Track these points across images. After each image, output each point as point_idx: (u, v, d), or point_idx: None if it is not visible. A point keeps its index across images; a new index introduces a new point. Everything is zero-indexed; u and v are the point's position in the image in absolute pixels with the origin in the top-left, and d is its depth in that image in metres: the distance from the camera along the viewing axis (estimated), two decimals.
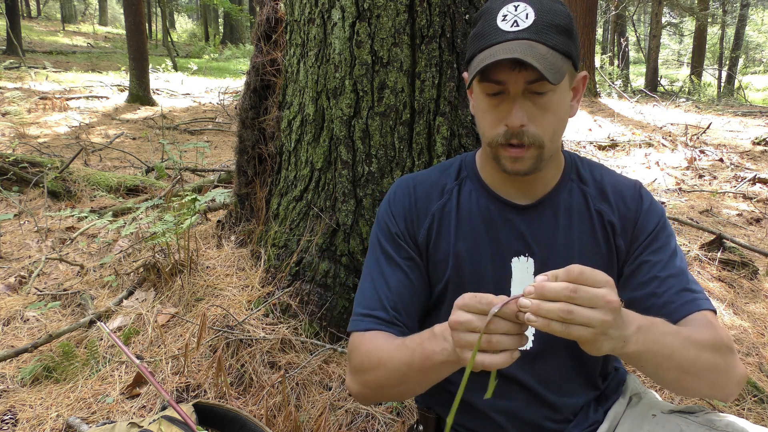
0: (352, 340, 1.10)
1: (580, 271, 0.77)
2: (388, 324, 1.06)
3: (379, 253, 1.13)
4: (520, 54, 0.89)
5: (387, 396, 1.08)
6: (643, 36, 26.91)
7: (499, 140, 0.99)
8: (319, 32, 1.88)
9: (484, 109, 1.01)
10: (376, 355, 1.02)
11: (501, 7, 0.96)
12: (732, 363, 0.96)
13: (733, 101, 12.46)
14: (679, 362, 0.89)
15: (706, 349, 0.92)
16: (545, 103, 0.97)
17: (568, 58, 0.96)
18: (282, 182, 2.16)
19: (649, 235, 1.08)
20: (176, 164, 4.40)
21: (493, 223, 1.10)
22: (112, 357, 1.95)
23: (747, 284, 2.68)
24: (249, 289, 2.12)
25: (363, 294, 1.12)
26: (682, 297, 1.02)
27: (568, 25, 0.97)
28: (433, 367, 0.92)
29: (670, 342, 0.89)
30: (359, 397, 1.09)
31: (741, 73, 19.63)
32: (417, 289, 1.11)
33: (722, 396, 0.98)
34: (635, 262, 1.08)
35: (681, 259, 1.07)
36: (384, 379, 1.01)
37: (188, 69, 13.97)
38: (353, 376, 1.08)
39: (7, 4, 12.77)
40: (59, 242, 3.02)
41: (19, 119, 6.70)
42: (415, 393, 1.04)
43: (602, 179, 1.13)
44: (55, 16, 29.09)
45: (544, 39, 0.93)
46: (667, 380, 0.92)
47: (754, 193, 4.34)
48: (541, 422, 1.10)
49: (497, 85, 0.96)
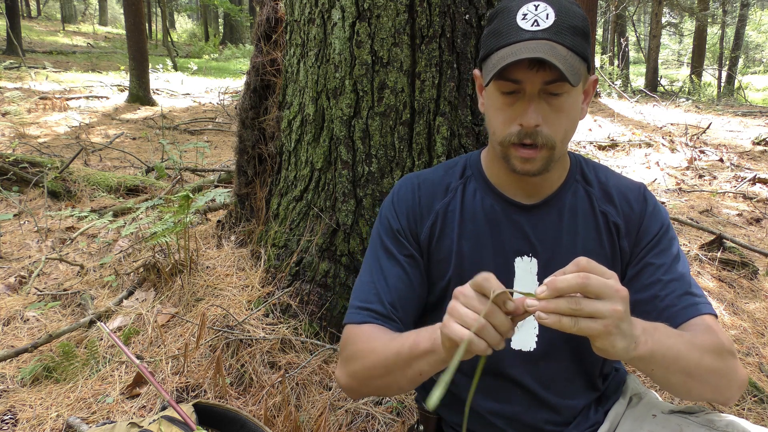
0: (346, 331, 1.09)
1: (587, 261, 0.78)
2: (385, 318, 1.06)
3: (379, 248, 1.13)
4: (542, 54, 0.89)
5: (373, 388, 1.05)
6: (643, 36, 26.90)
7: (511, 139, 0.99)
8: (319, 32, 1.88)
9: (498, 107, 1.00)
10: (369, 345, 1.01)
11: (521, 5, 0.95)
12: (733, 367, 0.96)
13: (733, 101, 12.46)
14: (684, 365, 0.89)
15: (708, 352, 0.92)
16: (560, 105, 0.96)
17: (584, 61, 0.96)
18: (282, 182, 2.16)
19: (653, 237, 1.08)
20: (176, 164, 4.40)
21: (497, 222, 1.09)
22: (112, 357, 1.95)
23: (747, 284, 2.68)
24: (249, 289, 2.12)
25: (361, 287, 1.11)
26: (684, 301, 1.02)
27: (585, 27, 0.97)
28: (419, 355, 0.90)
29: (675, 344, 0.88)
30: (346, 388, 1.08)
31: (741, 73, 19.65)
32: (415, 287, 1.10)
33: (723, 400, 0.98)
34: (639, 264, 1.08)
35: (683, 264, 1.07)
36: (372, 369, 0.99)
37: (188, 69, 13.98)
38: (343, 367, 1.07)
39: (7, 4, 12.77)
40: (59, 242, 3.02)
41: (19, 119, 6.70)
42: (400, 387, 1.01)
43: (607, 181, 1.13)
44: (55, 16, 29.08)
45: (563, 40, 0.93)
46: (673, 384, 0.92)
47: (754, 193, 4.34)
48: (541, 426, 1.10)
49: (514, 84, 0.95)
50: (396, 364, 0.95)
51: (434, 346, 0.87)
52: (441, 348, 0.85)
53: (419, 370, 0.93)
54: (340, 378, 1.08)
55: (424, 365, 0.91)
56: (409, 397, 1.75)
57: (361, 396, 1.09)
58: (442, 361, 0.88)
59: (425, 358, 0.90)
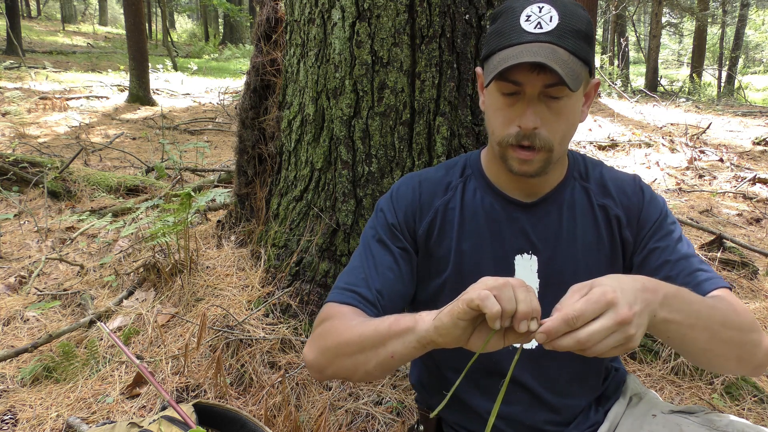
0: (325, 308, 1.05)
1: (560, 305, 0.76)
2: (369, 304, 1.03)
3: (371, 238, 1.12)
4: (543, 58, 0.89)
5: (340, 368, 0.99)
6: (643, 36, 26.90)
7: (510, 140, 0.99)
8: (319, 32, 1.88)
9: (497, 107, 1.00)
10: (345, 322, 0.98)
11: (524, 6, 0.95)
12: (757, 337, 0.95)
13: (733, 101, 12.46)
14: (706, 328, 0.88)
15: (729, 318, 0.92)
16: (559, 108, 0.97)
17: (586, 65, 0.96)
18: (282, 182, 2.16)
19: (654, 223, 1.09)
20: (176, 164, 4.40)
21: (496, 220, 1.10)
22: (112, 357, 1.95)
23: (747, 284, 2.67)
24: (249, 289, 2.12)
25: (348, 272, 1.10)
26: (697, 277, 1.02)
27: (588, 30, 0.96)
28: (397, 332, 0.88)
29: (697, 308, 0.87)
30: (313, 365, 1.02)
31: (741, 73, 19.64)
32: (404, 279, 1.09)
33: (751, 369, 0.96)
34: (644, 251, 1.08)
35: (688, 244, 1.08)
36: (345, 345, 0.96)
37: (188, 69, 13.98)
38: (313, 342, 1.03)
39: (7, 4, 12.77)
40: (59, 242, 3.03)
41: (19, 119, 6.70)
42: (367, 371, 0.96)
43: (602, 175, 1.14)
44: (55, 16, 29.09)
45: (565, 44, 0.93)
46: (696, 351, 0.90)
47: (754, 193, 4.34)
48: (540, 426, 1.10)
49: (514, 85, 0.95)
50: (370, 341, 0.92)
51: (415, 326, 0.85)
52: (422, 328, 0.83)
53: (392, 350, 0.90)
54: (308, 354, 1.03)
55: (398, 345, 0.88)
56: (409, 397, 1.75)
57: (325, 377, 1.04)
58: (417, 342, 0.85)
59: (402, 337, 0.87)
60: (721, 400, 1.83)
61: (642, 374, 1.93)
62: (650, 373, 1.94)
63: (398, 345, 0.88)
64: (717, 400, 1.83)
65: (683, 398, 1.83)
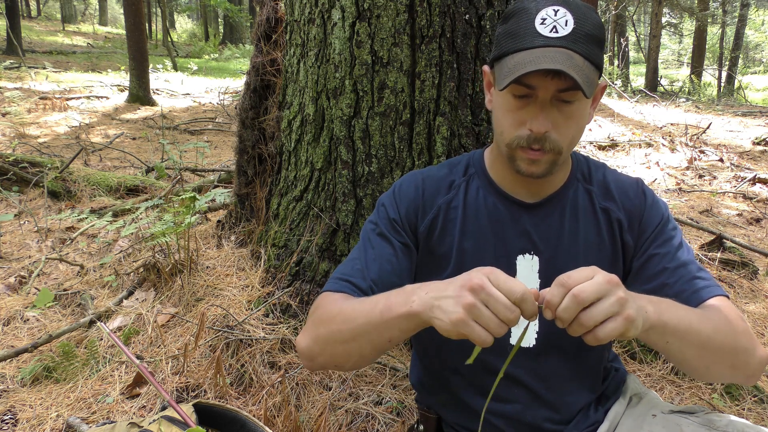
0: (319, 298, 1.06)
1: (567, 276, 0.78)
2: (362, 293, 1.03)
3: (371, 232, 1.11)
4: (561, 65, 0.89)
5: (334, 355, 0.99)
6: (643, 36, 26.92)
7: (520, 143, 0.99)
8: (319, 32, 1.88)
9: (507, 109, 1.00)
10: (338, 307, 0.98)
11: (539, 8, 0.94)
12: (751, 343, 0.95)
13: (733, 101, 12.47)
14: (698, 337, 0.89)
15: (722, 327, 0.92)
16: (571, 112, 0.97)
17: (598, 69, 0.96)
18: (282, 182, 2.16)
19: (655, 228, 1.09)
20: (176, 164, 4.40)
21: (499, 220, 1.10)
22: (112, 357, 1.95)
23: (747, 284, 2.67)
24: (249, 289, 2.12)
25: (345, 264, 1.10)
26: (694, 285, 1.02)
27: (601, 35, 0.96)
28: (391, 320, 0.87)
29: (686, 315, 0.89)
30: (305, 353, 1.02)
31: (741, 73, 19.64)
32: (401, 274, 1.08)
33: (744, 377, 0.97)
34: (643, 256, 1.08)
35: (688, 251, 1.08)
36: (337, 332, 0.95)
37: (188, 69, 13.98)
38: (306, 330, 1.03)
39: (7, 4, 12.77)
40: (59, 242, 3.02)
41: (19, 119, 6.70)
42: (362, 356, 0.96)
43: (605, 178, 1.14)
44: (55, 16, 29.09)
45: (580, 49, 0.92)
46: (690, 358, 0.92)
47: (754, 193, 4.34)
48: (540, 424, 1.10)
49: (527, 88, 0.95)
50: (363, 328, 0.91)
51: (410, 312, 0.84)
52: (418, 315, 0.83)
53: (389, 336, 0.90)
54: (301, 342, 1.03)
55: (395, 331, 0.88)
56: (409, 397, 1.75)
57: (317, 366, 1.03)
58: (416, 326, 0.86)
59: (399, 324, 0.87)
60: (721, 400, 1.83)
61: (642, 374, 1.94)
62: (650, 373, 1.94)
63: (396, 331, 0.89)
64: (717, 400, 1.83)
65: (683, 398, 1.83)
